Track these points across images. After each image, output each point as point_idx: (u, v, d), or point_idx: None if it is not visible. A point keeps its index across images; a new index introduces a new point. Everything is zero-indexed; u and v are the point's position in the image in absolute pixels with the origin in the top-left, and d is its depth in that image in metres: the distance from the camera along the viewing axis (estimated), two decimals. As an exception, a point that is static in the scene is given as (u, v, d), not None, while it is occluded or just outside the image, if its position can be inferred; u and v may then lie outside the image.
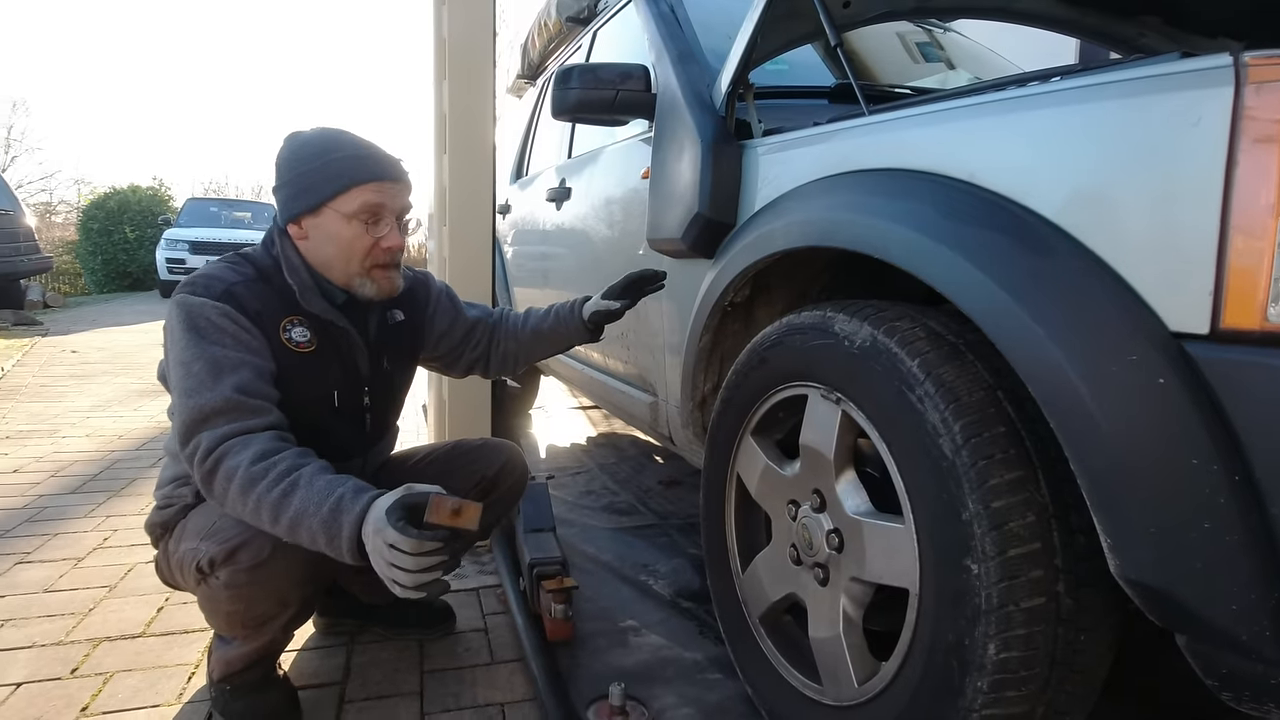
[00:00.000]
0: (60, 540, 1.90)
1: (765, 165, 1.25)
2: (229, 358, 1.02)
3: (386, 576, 0.89)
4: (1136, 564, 0.66)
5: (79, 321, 7.35)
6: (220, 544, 1.04)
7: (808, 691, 1.08)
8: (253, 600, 1.07)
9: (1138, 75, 0.67)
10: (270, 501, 0.95)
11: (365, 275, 1.14)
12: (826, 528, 1.01)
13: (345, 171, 1.09)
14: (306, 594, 1.12)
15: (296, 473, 0.96)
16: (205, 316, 1.04)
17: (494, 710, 1.23)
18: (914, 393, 0.84)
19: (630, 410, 1.88)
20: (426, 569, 0.88)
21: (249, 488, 0.95)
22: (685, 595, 1.68)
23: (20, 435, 2.97)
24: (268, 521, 0.96)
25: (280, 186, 1.13)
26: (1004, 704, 0.77)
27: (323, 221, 1.11)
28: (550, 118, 2.02)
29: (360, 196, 1.10)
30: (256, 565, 1.03)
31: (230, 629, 1.12)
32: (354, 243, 1.11)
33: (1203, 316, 0.61)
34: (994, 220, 0.77)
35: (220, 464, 0.97)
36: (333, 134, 1.13)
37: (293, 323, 1.12)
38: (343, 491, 0.94)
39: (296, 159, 1.11)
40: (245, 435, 0.99)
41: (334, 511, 0.93)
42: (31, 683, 1.27)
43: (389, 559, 0.88)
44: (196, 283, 1.08)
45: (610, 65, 1.62)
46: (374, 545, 0.89)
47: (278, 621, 1.11)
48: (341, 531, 0.92)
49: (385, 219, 1.12)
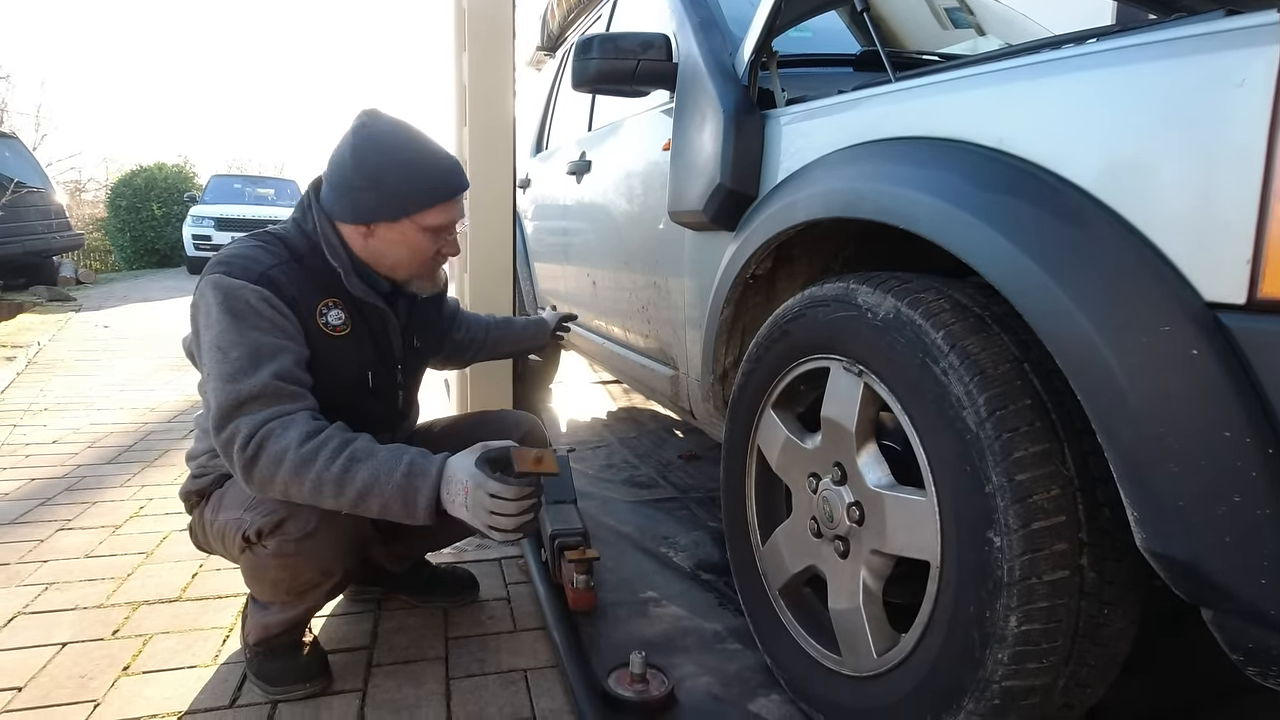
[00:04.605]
0: (99, 508, 1.96)
1: (788, 135, 1.23)
2: (268, 344, 1.03)
3: (485, 525, 0.98)
4: (1163, 537, 0.65)
5: (110, 297, 7.51)
6: (266, 515, 1.07)
7: (827, 662, 1.09)
8: (299, 569, 1.10)
9: (1178, 35, 0.65)
10: (332, 477, 0.98)
11: (425, 277, 1.21)
12: (847, 500, 1.01)
13: (432, 189, 1.11)
14: (350, 564, 1.15)
15: (350, 447, 1.00)
16: (244, 300, 1.03)
17: (517, 676, 1.26)
18: (938, 365, 0.83)
19: (651, 384, 1.88)
20: (525, 511, 0.99)
21: (304, 467, 0.98)
22: (705, 567, 1.69)
23: (58, 407, 3.06)
24: (330, 496, 0.99)
25: (355, 188, 1.09)
26: (1025, 675, 0.78)
27: (400, 229, 1.12)
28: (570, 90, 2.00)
29: (443, 214, 1.13)
30: (305, 536, 1.06)
31: (274, 596, 1.16)
32: (424, 251, 1.15)
33: (1239, 286, 0.59)
34: (1024, 189, 0.75)
35: (264, 448, 0.98)
36: (412, 141, 1.11)
37: (329, 306, 1.13)
38: (410, 458, 1.01)
39: (378, 165, 1.08)
40: (284, 418, 1.00)
41: (408, 476, 0.99)
42: (76, 643, 1.32)
43: (491, 508, 0.97)
44: (233, 264, 1.06)
45: (631, 35, 1.60)
46: (475, 499, 0.98)
47: (321, 589, 1.15)
48: (419, 494, 0.98)
49: (452, 230, 1.18)
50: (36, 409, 3.02)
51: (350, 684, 1.23)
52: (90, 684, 1.20)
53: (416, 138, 1.12)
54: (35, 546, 1.71)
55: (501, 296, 1.96)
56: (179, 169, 13.07)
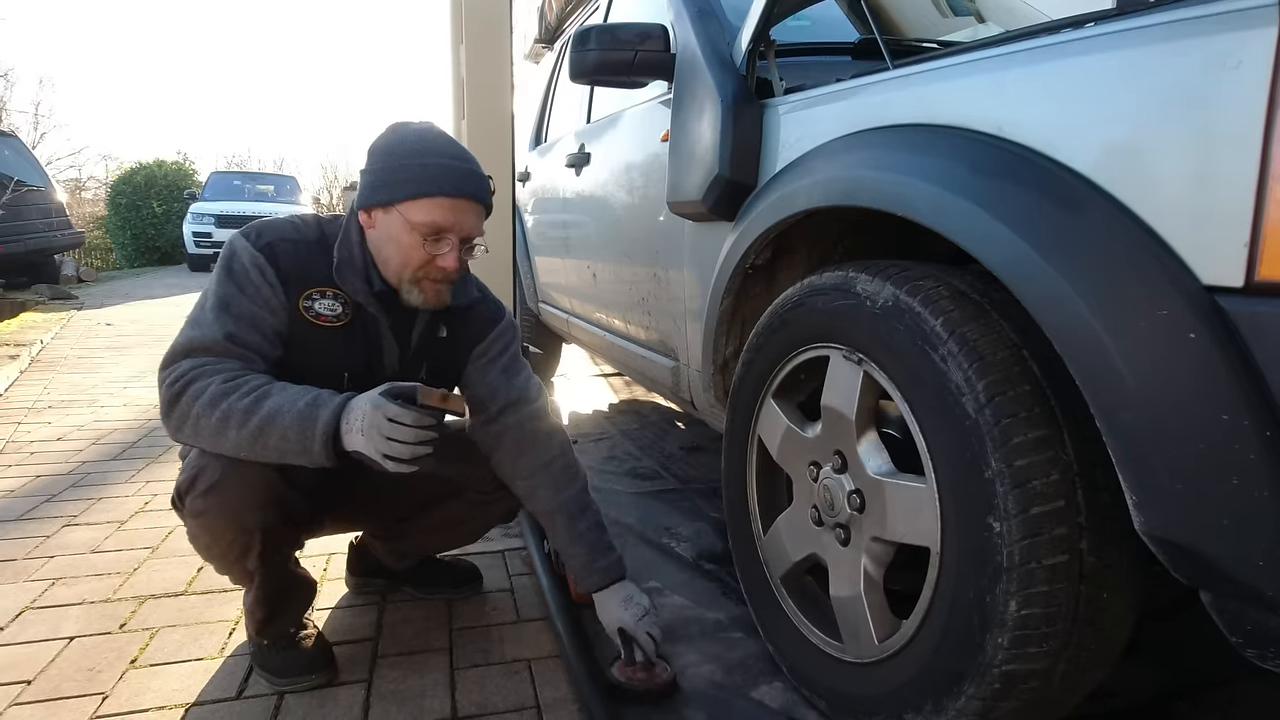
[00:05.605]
0: (104, 504, 1.97)
1: (787, 124, 1.23)
2: (240, 305, 1.06)
3: (380, 451, 0.97)
4: (1162, 520, 0.65)
5: (112, 295, 7.52)
6: (185, 474, 1.08)
7: (828, 649, 1.09)
8: (216, 530, 1.08)
9: (1174, 18, 0.65)
10: (241, 408, 0.98)
11: (415, 284, 1.12)
12: (848, 488, 1.02)
13: (425, 179, 1.07)
14: (266, 519, 1.08)
15: (269, 384, 1.01)
16: (241, 261, 1.08)
17: (520, 666, 1.27)
18: (937, 352, 0.83)
19: (652, 375, 1.88)
20: (422, 442, 0.98)
21: (220, 399, 0.98)
22: (707, 557, 1.70)
23: (62, 405, 3.07)
24: (235, 427, 0.98)
25: (366, 171, 1.12)
26: (1024, 660, 0.78)
27: (391, 220, 1.09)
28: (569, 82, 2.00)
29: (430, 211, 1.07)
30: (210, 488, 1.04)
31: (217, 566, 1.16)
32: (410, 252, 1.09)
33: (1237, 269, 0.59)
34: (1021, 175, 0.75)
35: (191, 384, 1.00)
36: (431, 136, 1.11)
37: (323, 294, 1.12)
38: (319, 392, 1.01)
39: (389, 150, 1.09)
40: (221, 364, 1.02)
41: (311, 405, 0.99)
42: (84, 636, 1.33)
43: (387, 433, 0.96)
44: (254, 229, 1.12)
45: (628, 25, 1.59)
46: (371, 421, 0.96)
47: (251, 554, 1.11)
48: (316, 423, 0.97)
49: (448, 239, 1.09)
50: (40, 406, 3.03)
51: (356, 675, 1.23)
52: (98, 677, 1.21)
53: (436, 137, 1.11)
54: (42, 542, 1.72)
55: (501, 291, 1.96)
56: (179, 166, 13.08)
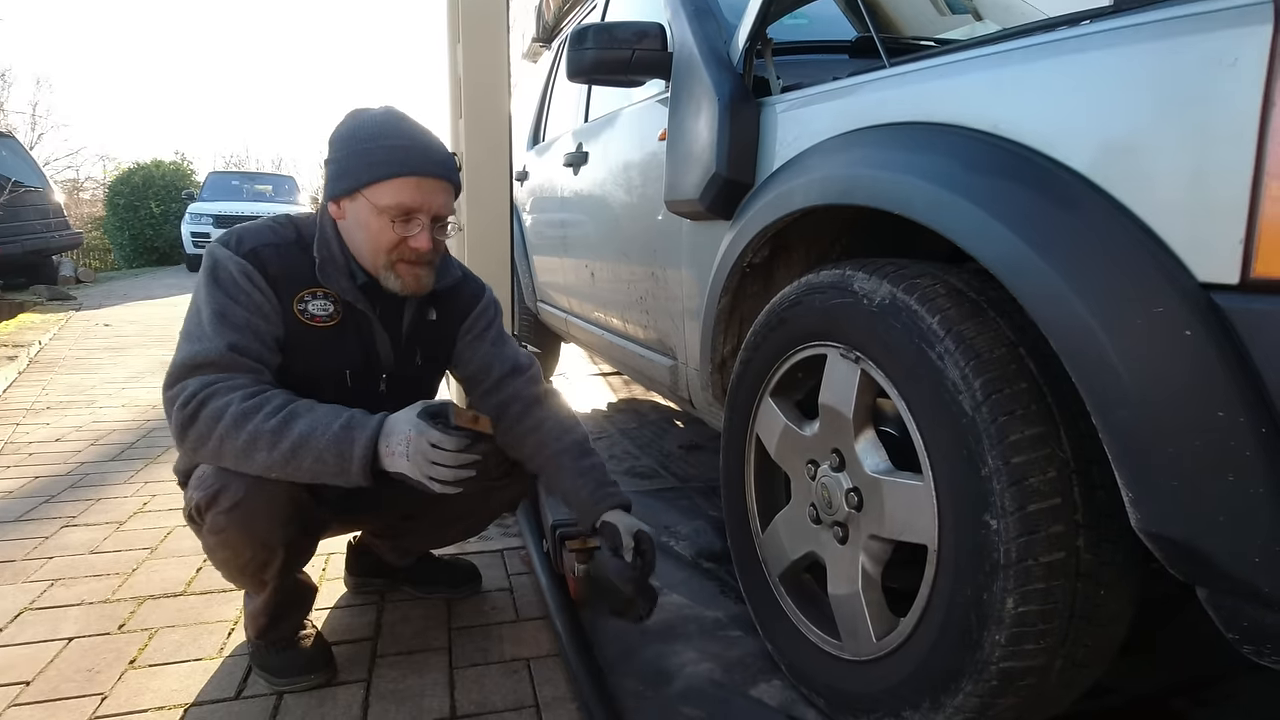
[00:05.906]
0: (102, 505, 1.97)
1: (784, 123, 1.23)
2: (237, 315, 1.04)
3: (425, 474, 0.99)
4: (1158, 517, 0.66)
5: (110, 296, 7.51)
6: (204, 490, 1.05)
7: (826, 647, 1.09)
8: (237, 546, 1.07)
9: (1170, 16, 0.65)
10: (269, 429, 0.97)
11: (390, 269, 1.11)
12: (846, 486, 1.02)
13: (386, 161, 1.05)
14: (289, 535, 1.09)
15: (294, 404, 1.01)
16: (228, 271, 1.06)
17: (519, 665, 1.27)
18: (934, 350, 0.84)
19: (650, 374, 1.88)
20: (465, 464, 1.00)
21: (243, 420, 0.97)
22: (706, 556, 1.70)
23: (60, 405, 3.06)
24: (264, 449, 0.97)
25: (328, 162, 1.11)
26: (1021, 657, 0.78)
27: (357, 208, 1.08)
28: (566, 81, 2.00)
29: (396, 193, 1.06)
30: (234, 505, 1.03)
31: (231, 578, 1.15)
32: (380, 236, 1.08)
33: (1232, 266, 0.59)
34: (1017, 172, 0.75)
35: (206, 404, 0.98)
36: (390, 119, 1.09)
37: (314, 294, 1.12)
38: (351, 413, 1.01)
39: (348, 138, 1.08)
40: (231, 381, 1.01)
41: (346, 428, 0.99)
42: (83, 637, 1.33)
43: (431, 458, 0.98)
44: (232, 236, 1.11)
45: (625, 24, 1.59)
46: (416, 447, 0.98)
47: (270, 568, 1.11)
48: (354, 447, 0.98)
49: (417, 219, 1.08)
50: (39, 407, 3.03)
51: (355, 675, 1.23)
52: (97, 677, 1.21)
53: (397, 119, 1.10)
54: (40, 543, 1.72)
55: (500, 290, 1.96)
56: (176, 166, 13.06)
